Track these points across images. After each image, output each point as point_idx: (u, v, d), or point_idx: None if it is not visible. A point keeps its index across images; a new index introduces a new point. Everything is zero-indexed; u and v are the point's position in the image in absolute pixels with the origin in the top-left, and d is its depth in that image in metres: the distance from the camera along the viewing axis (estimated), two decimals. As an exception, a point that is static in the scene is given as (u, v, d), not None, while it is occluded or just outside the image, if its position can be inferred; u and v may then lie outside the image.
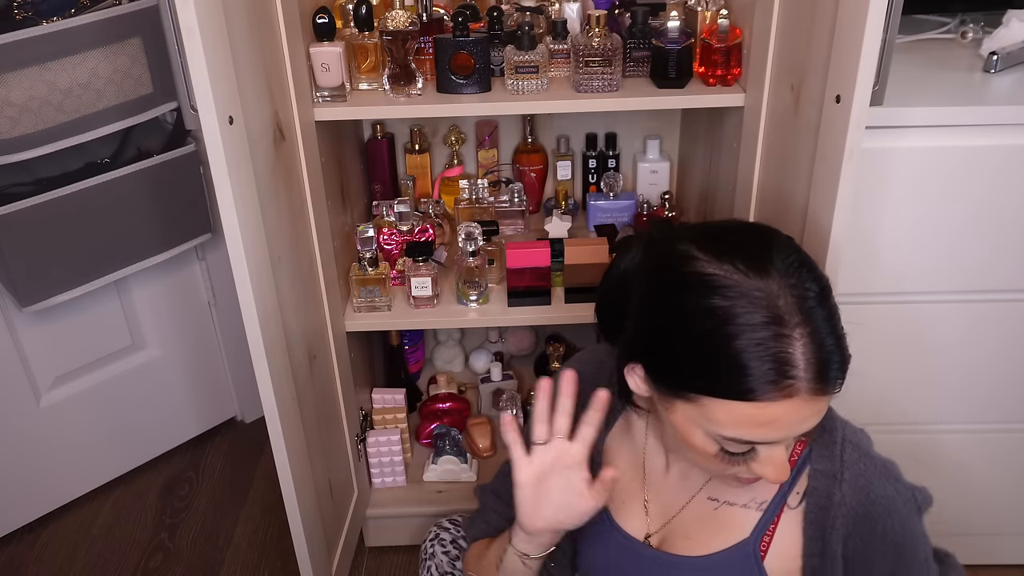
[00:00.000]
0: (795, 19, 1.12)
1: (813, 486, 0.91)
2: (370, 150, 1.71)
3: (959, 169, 1.24)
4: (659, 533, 1.00)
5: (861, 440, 0.94)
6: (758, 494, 0.93)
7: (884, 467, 0.92)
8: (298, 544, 1.31)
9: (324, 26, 1.27)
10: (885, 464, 0.93)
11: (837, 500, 0.89)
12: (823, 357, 0.79)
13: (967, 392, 1.42)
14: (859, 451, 0.92)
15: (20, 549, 1.78)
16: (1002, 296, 1.34)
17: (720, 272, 0.80)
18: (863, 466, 0.91)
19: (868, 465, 0.91)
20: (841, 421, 0.94)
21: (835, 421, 0.93)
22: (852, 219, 1.01)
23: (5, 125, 1.42)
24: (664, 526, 1.00)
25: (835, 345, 0.80)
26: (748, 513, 0.94)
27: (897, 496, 0.90)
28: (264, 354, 1.12)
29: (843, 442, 0.91)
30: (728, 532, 0.94)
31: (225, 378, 2.03)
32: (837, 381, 0.81)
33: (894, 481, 0.91)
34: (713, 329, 0.78)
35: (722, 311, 0.78)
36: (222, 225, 1.02)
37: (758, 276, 0.79)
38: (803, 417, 0.81)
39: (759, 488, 0.93)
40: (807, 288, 0.80)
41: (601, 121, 1.75)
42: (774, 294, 0.78)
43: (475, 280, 1.50)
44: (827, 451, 0.91)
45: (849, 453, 0.91)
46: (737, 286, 0.79)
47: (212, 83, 0.93)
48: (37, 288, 1.58)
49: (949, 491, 1.51)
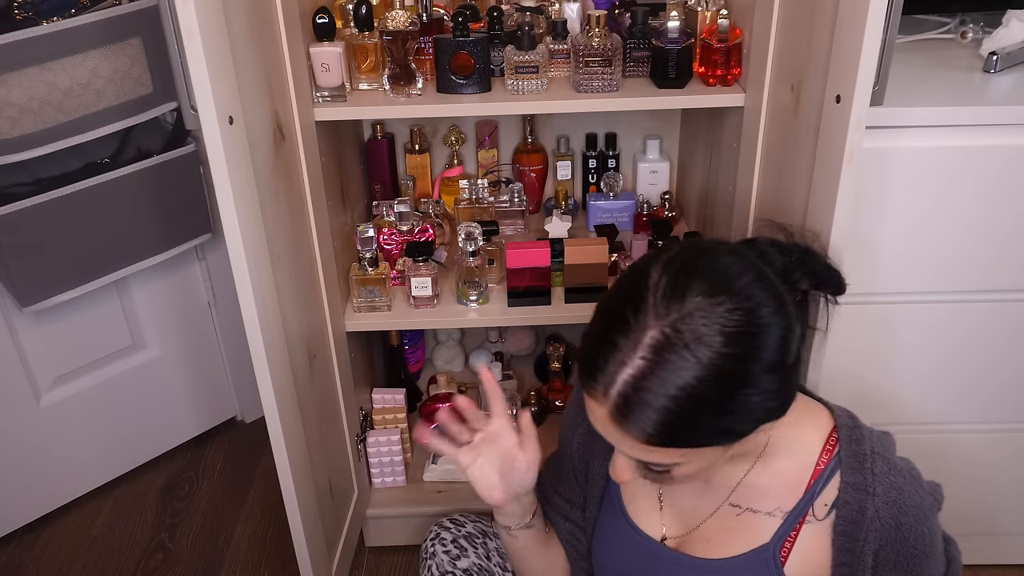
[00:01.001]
0: (795, 19, 1.12)
1: (844, 499, 0.90)
2: (370, 150, 1.71)
3: (959, 169, 1.24)
4: (677, 540, 1.01)
5: (888, 448, 0.93)
6: (780, 502, 0.93)
7: (911, 475, 0.92)
8: (298, 544, 1.31)
9: (324, 26, 1.27)
10: (911, 471, 0.92)
11: (870, 514, 0.89)
12: (622, 402, 0.78)
13: (969, 392, 1.42)
14: (888, 463, 0.91)
15: (20, 549, 1.78)
16: (1002, 296, 1.34)
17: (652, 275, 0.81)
18: (894, 478, 0.90)
19: (898, 477, 0.90)
20: (868, 430, 0.94)
21: (862, 431, 0.93)
22: (852, 219, 1.01)
23: (5, 125, 1.42)
24: (685, 533, 1.00)
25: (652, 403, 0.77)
26: (770, 520, 0.94)
27: (923, 503, 0.91)
28: (264, 354, 1.12)
29: (872, 454, 0.91)
30: (748, 537, 0.95)
31: (225, 378, 2.03)
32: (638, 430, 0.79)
33: (920, 487, 0.91)
34: None
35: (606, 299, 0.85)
36: (222, 225, 1.02)
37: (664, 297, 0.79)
38: (610, 434, 0.83)
39: (783, 496, 0.93)
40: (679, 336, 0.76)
41: (601, 121, 1.75)
42: (643, 302, 0.79)
43: (475, 280, 1.50)
44: (857, 463, 0.90)
45: (880, 466, 0.90)
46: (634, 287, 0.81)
47: (212, 83, 0.93)
48: (37, 288, 1.58)
49: (949, 491, 1.51)
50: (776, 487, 0.94)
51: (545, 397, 1.85)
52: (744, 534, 0.95)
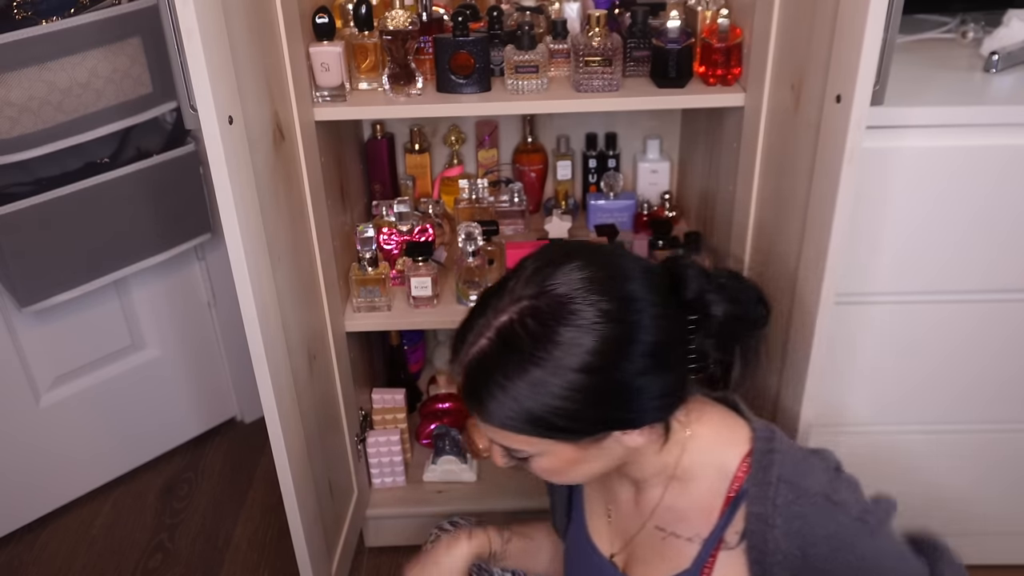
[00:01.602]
0: (795, 19, 1.12)
1: (750, 528, 0.88)
2: (370, 150, 1.71)
3: (960, 169, 1.24)
4: (621, 554, 1.02)
5: (802, 473, 0.87)
6: (698, 528, 0.92)
7: (827, 500, 0.85)
8: (298, 544, 1.31)
9: (324, 26, 1.27)
10: (828, 495, 0.86)
11: (772, 547, 0.86)
12: (471, 386, 0.82)
13: (968, 392, 1.42)
14: (796, 490, 0.86)
15: (20, 549, 1.78)
16: (1002, 296, 1.34)
17: None
18: (799, 508, 0.85)
19: (805, 505, 0.85)
20: (782, 454, 0.88)
21: (774, 456, 0.88)
22: (852, 219, 1.01)
23: (5, 125, 1.41)
24: (624, 548, 1.01)
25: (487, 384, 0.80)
26: (691, 546, 0.93)
27: (842, 530, 0.85)
28: (264, 354, 1.12)
29: (777, 482, 0.86)
30: (673, 562, 0.94)
31: (225, 378, 2.03)
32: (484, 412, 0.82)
33: (836, 514, 0.85)
34: None
35: None
36: (222, 225, 1.02)
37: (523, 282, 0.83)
38: (477, 419, 0.85)
39: (699, 521, 0.92)
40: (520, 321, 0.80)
41: (601, 121, 1.75)
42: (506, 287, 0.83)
43: (475, 280, 1.50)
44: (761, 492, 0.87)
45: (783, 495, 0.86)
46: None
47: (212, 83, 0.93)
48: (37, 288, 1.58)
49: (949, 491, 1.52)
50: (693, 512, 0.93)
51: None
52: (669, 558, 0.95)
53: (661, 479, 0.94)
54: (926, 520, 0.98)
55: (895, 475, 0.99)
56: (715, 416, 0.94)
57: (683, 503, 0.93)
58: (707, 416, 0.94)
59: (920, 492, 1.49)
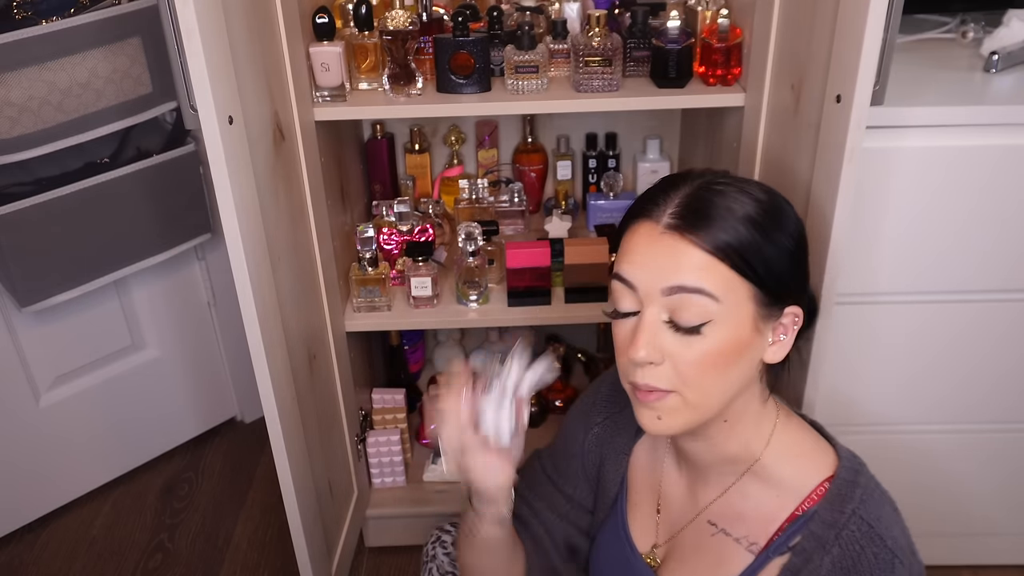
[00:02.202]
0: (795, 19, 1.12)
1: (802, 545, 0.86)
2: (370, 150, 1.71)
3: (960, 169, 1.24)
4: (664, 547, 1.00)
5: (877, 518, 0.85)
6: (751, 532, 0.90)
7: (888, 555, 0.83)
8: (298, 544, 1.31)
9: (324, 26, 1.27)
10: (893, 552, 0.83)
11: (812, 568, 0.84)
12: (694, 205, 0.83)
13: (967, 391, 1.42)
14: (867, 532, 0.83)
15: (20, 549, 1.78)
16: (1002, 296, 1.34)
17: None
18: (859, 548, 0.83)
19: (867, 548, 0.83)
20: (865, 491, 0.86)
21: (855, 490, 0.86)
22: (852, 219, 1.01)
23: (5, 125, 1.41)
24: (668, 541, 0.99)
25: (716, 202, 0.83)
26: (740, 552, 0.91)
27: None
28: (264, 354, 1.12)
29: (852, 515, 0.84)
30: (717, 568, 0.92)
31: (225, 378, 2.03)
32: (699, 232, 0.81)
33: (888, 569, 0.83)
34: None
35: None
36: (222, 225, 1.02)
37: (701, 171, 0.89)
38: (661, 251, 0.82)
39: (755, 527, 0.90)
40: (721, 182, 0.85)
41: (601, 121, 1.75)
42: (697, 173, 0.88)
43: (475, 280, 1.50)
44: (832, 518, 0.85)
45: (852, 529, 0.84)
46: None
47: (212, 83, 0.93)
48: (37, 288, 1.58)
49: (950, 491, 1.52)
50: (752, 515, 0.91)
51: (545, 397, 1.85)
52: (715, 564, 0.92)
53: (736, 468, 0.92)
54: (926, 519, 0.97)
55: (895, 474, 0.99)
56: (801, 429, 0.93)
57: (745, 503, 0.91)
58: (794, 425, 0.93)
59: (920, 491, 1.50)
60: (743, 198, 0.83)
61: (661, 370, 0.83)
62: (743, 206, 0.82)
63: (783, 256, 0.84)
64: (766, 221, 0.83)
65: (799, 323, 0.87)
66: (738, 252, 0.80)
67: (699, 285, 0.80)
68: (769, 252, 0.82)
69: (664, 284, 0.81)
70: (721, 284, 0.80)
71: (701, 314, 0.80)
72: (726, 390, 0.85)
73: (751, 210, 0.82)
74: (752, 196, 0.84)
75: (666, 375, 0.83)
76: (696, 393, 0.83)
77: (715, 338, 0.81)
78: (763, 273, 0.82)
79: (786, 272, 0.84)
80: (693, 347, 0.81)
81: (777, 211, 0.85)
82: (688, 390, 0.83)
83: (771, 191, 0.87)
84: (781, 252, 0.83)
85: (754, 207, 0.83)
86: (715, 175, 0.87)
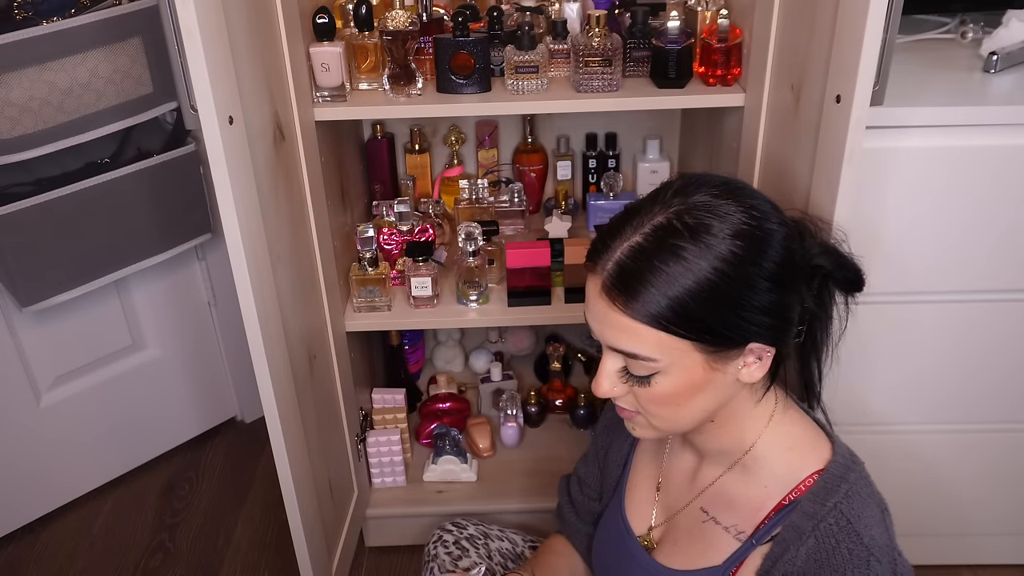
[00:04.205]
0: (795, 19, 1.12)
1: (782, 535, 0.88)
2: (370, 150, 1.71)
3: (959, 169, 1.24)
4: (660, 528, 1.02)
5: (859, 516, 0.85)
6: (740, 521, 0.92)
7: (864, 554, 0.84)
8: (298, 544, 1.31)
9: (324, 26, 1.27)
10: (870, 551, 0.84)
11: (788, 558, 0.85)
12: (625, 275, 0.81)
13: (968, 392, 1.42)
14: (846, 527, 0.84)
15: (20, 549, 1.78)
16: (1002, 296, 1.34)
17: None
18: (835, 541, 0.84)
19: (842, 543, 0.84)
20: (852, 487, 0.87)
21: (842, 486, 0.87)
22: (852, 219, 1.01)
23: (5, 125, 1.41)
24: (665, 522, 1.02)
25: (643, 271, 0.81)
26: (727, 539, 0.93)
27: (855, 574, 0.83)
28: (264, 354, 1.12)
29: (833, 508, 0.85)
30: (705, 553, 0.94)
31: (225, 378, 2.03)
32: (624, 302, 0.81)
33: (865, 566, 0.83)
34: None
35: None
36: (222, 225, 1.02)
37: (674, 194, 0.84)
38: (599, 312, 0.84)
39: (743, 515, 0.92)
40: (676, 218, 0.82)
41: (601, 121, 1.75)
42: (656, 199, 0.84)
43: (475, 280, 1.50)
44: (813, 510, 0.86)
45: (830, 523, 0.84)
46: None
47: (212, 83, 0.93)
48: (37, 288, 1.58)
49: (950, 491, 1.52)
50: (741, 503, 0.92)
51: (545, 397, 1.85)
52: (703, 549, 0.94)
53: (727, 458, 0.94)
54: (927, 519, 0.98)
55: (895, 474, 0.99)
56: (799, 423, 0.94)
57: (736, 491, 0.93)
58: (791, 419, 0.93)
59: (920, 491, 1.50)
60: (691, 263, 0.79)
61: (625, 398, 0.88)
62: (684, 276, 0.79)
63: (732, 313, 0.81)
64: (711, 291, 0.79)
65: (771, 353, 0.85)
66: (670, 321, 0.81)
67: (633, 351, 0.83)
68: (710, 318, 0.81)
69: (608, 343, 0.85)
70: (656, 347, 0.82)
71: (647, 368, 0.84)
72: (694, 415, 0.89)
73: (691, 282, 0.79)
74: (708, 257, 0.79)
75: (630, 402, 0.89)
76: (660, 420, 0.89)
77: (665, 385, 0.84)
78: (703, 334, 0.82)
79: (739, 326, 0.82)
80: (648, 390, 0.85)
81: (739, 265, 0.80)
82: (652, 417, 0.89)
83: (749, 232, 0.81)
84: (729, 310, 0.81)
85: (699, 277, 0.79)
86: (686, 208, 0.82)
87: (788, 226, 0.86)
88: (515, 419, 1.77)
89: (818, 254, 0.90)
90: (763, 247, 0.82)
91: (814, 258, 0.90)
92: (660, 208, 0.83)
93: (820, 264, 0.90)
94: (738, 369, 0.85)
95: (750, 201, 0.84)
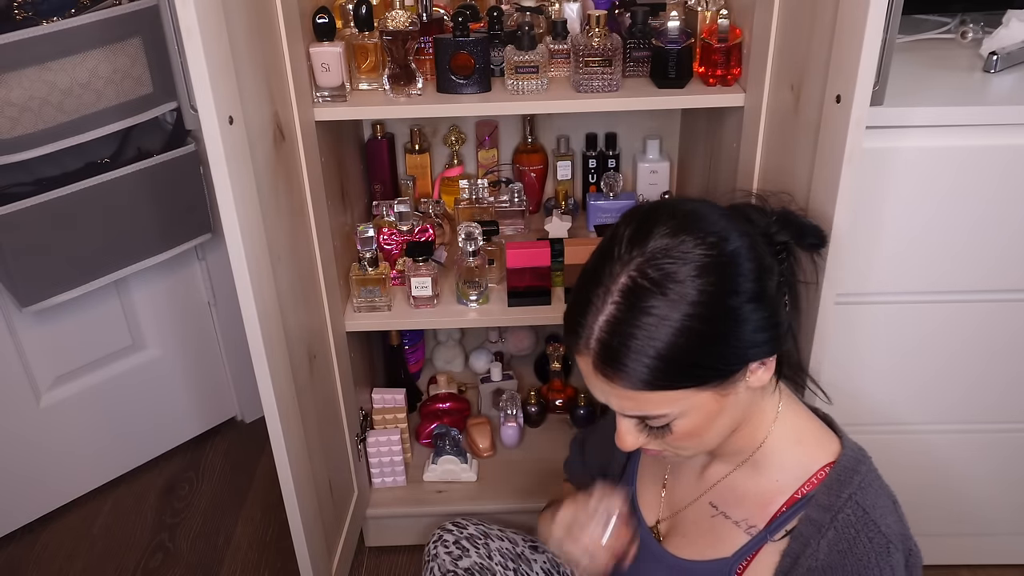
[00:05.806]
0: (795, 19, 1.12)
1: (799, 530, 0.88)
2: (370, 150, 1.71)
3: (959, 169, 1.24)
4: (667, 522, 1.03)
5: (874, 506, 0.87)
6: (751, 515, 0.93)
7: (883, 543, 0.85)
8: (298, 544, 1.31)
9: (324, 26, 1.27)
10: (889, 541, 0.85)
11: (811, 552, 0.86)
12: (606, 353, 0.82)
13: (970, 393, 1.42)
14: (863, 518, 0.85)
15: (20, 549, 1.78)
16: (1002, 296, 1.34)
17: None
18: (855, 532, 0.85)
19: (862, 533, 0.85)
20: (865, 479, 0.88)
21: (855, 477, 0.88)
22: (852, 219, 1.01)
23: (5, 125, 1.41)
24: (671, 516, 1.02)
25: (626, 344, 0.80)
26: (737, 533, 0.93)
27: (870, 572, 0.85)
28: (264, 354, 1.12)
29: (849, 500, 0.86)
30: (715, 545, 0.95)
31: (225, 378, 2.03)
32: (623, 377, 0.81)
33: (881, 562, 0.85)
34: None
35: None
36: (222, 225, 1.02)
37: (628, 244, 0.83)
38: (600, 389, 0.85)
39: (754, 510, 0.93)
40: (640, 276, 0.81)
41: (601, 121, 1.75)
42: (612, 256, 0.83)
43: (475, 280, 1.50)
44: (828, 502, 0.87)
45: (848, 514, 0.86)
46: None
47: (212, 83, 0.93)
48: (37, 288, 1.58)
49: (950, 491, 1.52)
50: (751, 498, 0.93)
51: (545, 397, 1.85)
52: (713, 541, 0.95)
53: (739, 456, 0.95)
54: (929, 519, 0.98)
55: (901, 474, 0.99)
56: (805, 418, 0.95)
57: (746, 487, 0.94)
58: (796, 413, 0.95)
59: (927, 490, 1.50)
60: (668, 318, 0.79)
61: (651, 443, 0.90)
62: (667, 334, 0.79)
63: (725, 347, 0.82)
64: (698, 337, 0.80)
65: (772, 361, 0.86)
66: (668, 381, 0.82)
67: (642, 413, 0.85)
68: (705, 361, 0.82)
69: (618, 411, 0.87)
70: (663, 405, 0.83)
71: (662, 421, 0.85)
72: (720, 434, 0.90)
73: (674, 337, 0.79)
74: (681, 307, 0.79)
75: (657, 445, 0.90)
76: (689, 450, 0.91)
77: (685, 426, 0.86)
78: (700, 377, 0.83)
79: (735, 354, 0.83)
80: (677, 426, 0.86)
81: (715, 302, 0.80)
82: (681, 451, 0.90)
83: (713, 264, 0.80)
84: (722, 345, 0.82)
85: (679, 328, 0.79)
86: (645, 260, 0.81)
87: (749, 234, 0.85)
88: (515, 419, 1.77)
89: (777, 231, 0.92)
90: (733, 274, 0.82)
91: (775, 236, 0.91)
92: (620, 267, 0.82)
93: (783, 240, 0.92)
94: (747, 383, 0.86)
95: (703, 227, 0.82)
